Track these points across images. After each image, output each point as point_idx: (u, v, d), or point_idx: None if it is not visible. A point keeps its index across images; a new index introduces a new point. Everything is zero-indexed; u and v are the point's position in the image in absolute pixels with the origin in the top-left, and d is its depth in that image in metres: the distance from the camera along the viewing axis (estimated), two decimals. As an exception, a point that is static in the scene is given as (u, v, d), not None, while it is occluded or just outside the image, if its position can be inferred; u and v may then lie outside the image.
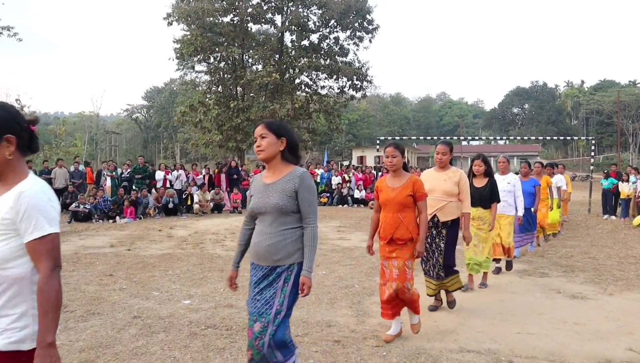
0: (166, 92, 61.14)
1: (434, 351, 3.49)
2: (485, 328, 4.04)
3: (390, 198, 3.61)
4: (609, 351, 3.54)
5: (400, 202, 3.58)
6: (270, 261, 2.46)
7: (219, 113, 26.55)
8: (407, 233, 3.57)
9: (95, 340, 3.67)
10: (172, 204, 13.52)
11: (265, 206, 2.46)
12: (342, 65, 28.47)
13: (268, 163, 2.53)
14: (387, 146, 3.71)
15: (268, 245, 2.45)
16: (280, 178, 2.50)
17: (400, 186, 3.62)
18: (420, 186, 3.63)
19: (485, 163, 5.26)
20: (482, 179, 5.26)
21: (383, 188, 3.74)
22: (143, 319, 4.19)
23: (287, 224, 2.46)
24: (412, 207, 3.64)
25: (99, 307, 4.55)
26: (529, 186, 6.91)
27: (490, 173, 5.30)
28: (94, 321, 4.15)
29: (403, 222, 3.57)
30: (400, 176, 3.69)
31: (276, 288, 2.44)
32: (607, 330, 4.02)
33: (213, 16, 26.34)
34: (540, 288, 5.44)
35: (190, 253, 7.60)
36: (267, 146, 2.47)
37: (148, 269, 6.30)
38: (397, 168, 3.69)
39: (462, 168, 5.21)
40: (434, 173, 4.48)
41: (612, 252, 7.75)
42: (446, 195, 4.28)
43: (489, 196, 5.17)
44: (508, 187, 5.95)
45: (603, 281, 5.73)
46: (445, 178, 4.35)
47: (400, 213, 3.59)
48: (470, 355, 3.43)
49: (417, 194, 3.61)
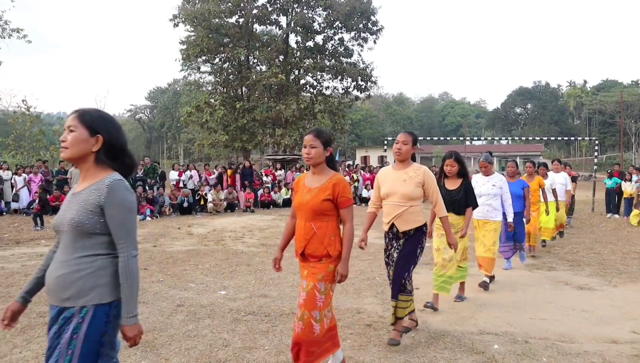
0: (169, 93, 61.54)
1: (456, 333, 3.87)
2: (501, 315, 4.42)
3: (304, 202, 2.83)
4: (615, 333, 3.91)
5: (314, 208, 2.79)
6: (57, 300, 1.83)
7: (224, 114, 26.96)
8: (321, 248, 2.79)
9: (149, 325, 4.05)
10: (187, 204, 13.93)
11: (62, 223, 1.86)
12: (346, 66, 28.84)
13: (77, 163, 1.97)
14: (307, 134, 2.92)
15: (56, 277, 1.82)
16: (87, 186, 1.91)
17: (317, 188, 2.83)
18: (343, 189, 2.81)
19: (458, 162, 4.62)
20: (455, 181, 4.65)
21: (299, 187, 2.95)
22: (186, 307, 4.58)
23: (86, 249, 1.83)
24: (331, 215, 2.82)
25: (143, 297, 4.93)
26: (517, 188, 6.34)
27: (465, 173, 4.68)
28: (142, 309, 4.53)
29: (317, 234, 2.79)
30: (321, 174, 2.89)
31: (61, 342, 1.78)
32: (612, 316, 4.40)
33: (219, 17, 26.74)
34: (549, 281, 5.82)
35: (214, 249, 7.99)
36: (72, 141, 1.90)
37: (178, 264, 6.69)
38: (317, 161, 2.89)
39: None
40: (392, 172, 3.71)
41: (615, 248, 8.12)
42: (406, 199, 3.54)
43: (463, 200, 4.55)
44: (494, 190, 5.38)
45: (608, 274, 6.10)
46: (405, 177, 3.60)
47: (314, 222, 2.81)
48: (490, 337, 3.81)
49: (339, 199, 2.80)
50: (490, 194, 5.37)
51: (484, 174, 5.54)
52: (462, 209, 4.56)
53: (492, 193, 5.37)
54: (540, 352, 3.47)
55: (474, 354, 3.42)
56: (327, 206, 2.79)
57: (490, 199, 5.39)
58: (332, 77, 29.73)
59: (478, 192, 5.22)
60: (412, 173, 3.60)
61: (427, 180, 3.58)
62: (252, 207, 14.71)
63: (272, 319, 4.20)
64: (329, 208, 2.81)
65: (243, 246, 8.37)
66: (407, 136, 3.65)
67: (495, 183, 5.41)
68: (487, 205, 5.35)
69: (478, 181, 5.47)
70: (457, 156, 4.65)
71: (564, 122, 60.80)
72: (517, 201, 6.26)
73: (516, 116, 66.65)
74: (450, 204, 4.45)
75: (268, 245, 8.48)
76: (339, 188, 2.80)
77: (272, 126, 29.19)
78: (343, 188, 2.82)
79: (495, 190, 5.38)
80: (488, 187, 5.41)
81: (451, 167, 4.62)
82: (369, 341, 3.66)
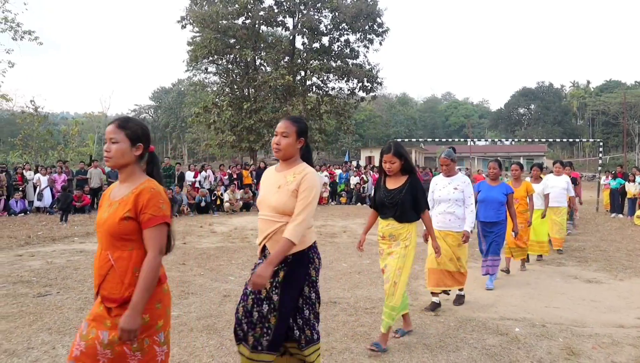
0: (174, 93, 62.02)
1: (480, 319, 4.35)
2: (518, 304, 4.90)
3: (101, 221, 2.04)
4: (622, 320, 4.39)
5: (109, 230, 1.99)
6: None
7: (232, 114, 27.32)
8: (120, 288, 1.97)
9: (204, 312, 4.54)
10: (204, 203, 14.44)
11: None
12: (352, 67, 29.23)
13: None
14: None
15: None
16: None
17: (118, 201, 2.04)
18: (150, 200, 1.98)
19: (399, 157, 3.61)
20: (398, 179, 3.67)
21: (104, 199, 2.15)
22: (233, 297, 5.05)
23: None
24: (134, 240, 2.00)
25: (190, 289, 5.42)
26: (498, 194, 5.44)
27: (410, 169, 3.69)
28: (192, 299, 5.03)
29: (115, 267, 1.98)
30: (129, 181, 2.10)
31: None
32: (619, 305, 4.87)
33: (227, 19, 27.16)
34: (560, 275, 6.29)
35: (241, 246, 8.48)
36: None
37: (212, 259, 7.18)
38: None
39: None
40: (273, 174, 2.64)
41: (620, 246, 8.58)
42: (277, 213, 2.48)
43: (409, 203, 3.57)
44: (455, 194, 4.51)
45: (614, 269, 6.57)
46: (281, 183, 2.53)
47: (112, 251, 2.00)
48: (510, 322, 4.28)
49: (143, 215, 1.98)
50: (452, 200, 4.52)
51: (444, 175, 4.68)
52: (406, 215, 3.58)
53: (454, 198, 4.52)
54: (557, 334, 3.95)
55: (498, 335, 3.90)
56: (127, 228, 1.98)
57: (452, 206, 4.53)
58: (338, 79, 30.16)
59: (437, 197, 4.60)
60: (291, 178, 2.51)
61: (302, 187, 2.46)
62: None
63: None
64: (131, 230, 1.98)
65: (267, 243, 8.86)
66: (288, 124, 2.54)
67: (457, 185, 4.55)
68: (448, 214, 4.52)
69: (438, 183, 4.69)
70: (397, 149, 3.62)
71: (567, 122, 61.18)
72: (499, 208, 5.44)
73: (519, 116, 67.03)
74: (391, 207, 3.60)
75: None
76: (142, 199, 1.98)
77: (279, 126, 29.60)
78: (150, 197, 1.98)
79: (457, 194, 4.52)
80: (449, 191, 4.55)
81: (390, 164, 3.63)
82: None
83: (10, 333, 3.90)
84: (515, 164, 6.66)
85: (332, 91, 30.46)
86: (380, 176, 3.83)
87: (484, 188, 5.64)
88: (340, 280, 5.88)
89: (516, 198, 6.01)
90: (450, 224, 4.54)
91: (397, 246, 3.60)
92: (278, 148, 2.56)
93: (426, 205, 3.69)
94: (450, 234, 4.55)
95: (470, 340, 3.77)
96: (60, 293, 5.19)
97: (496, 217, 5.45)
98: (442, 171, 4.70)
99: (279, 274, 2.47)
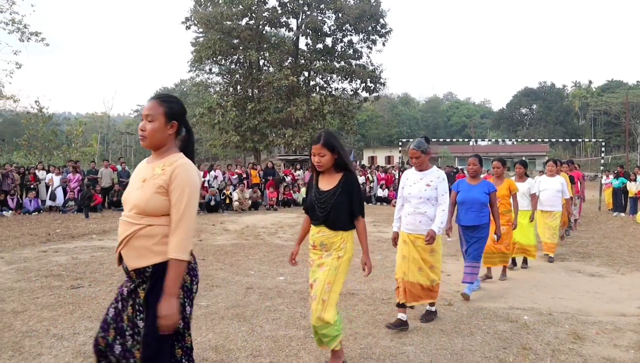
0: (176, 93, 62.28)
1: (491, 308, 4.65)
2: (526, 295, 5.19)
3: None
4: (623, 309, 4.67)
5: None
6: None
7: (236, 115, 27.54)
8: None
9: (231, 302, 4.84)
10: (214, 202, 14.75)
11: None
12: (356, 67, 29.44)
13: None
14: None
15: None
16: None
17: None
18: None
19: (332, 150, 3.03)
20: (332, 178, 3.10)
21: None
22: (256, 289, 5.35)
23: None
24: None
25: (213, 282, 5.72)
26: (479, 193, 4.89)
27: (344, 165, 3.09)
28: (217, 291, 5.33)
29: None
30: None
31: None
32: (621, 297, 5.16)
33: (231, 20, 27.38)
34: (564, 269, 6.58)
35: (255, 243, 8.78)
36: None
37: (230, 255, 7.48)
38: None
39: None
40: (143, 166, 2.21)
41: (622, 243, 8.86)
42: (137, 212, 2.05)
43: (345, 207, 3.02)
44: (427, 191, 3.94)
45: (616, 264, 6.86)
46: (147, 175, 2.11)
47: None
48: (519, 311, 4.57)
49: None
50: (423, 198, 3.93)
51: (416, 169, 4.09)
52: (340, 221, 3.03)
53: (425, 196, 3.93)
54: (563, 321, 4.24)
55: (508, 322, 4.19)
56: None
57: (424, 206, 3.93)
58: (341, 79, 30.38)
59: (407, 193, 4.03)
60: (159, 170, 2.09)
61: (172, 185, 2.03)
62: (275, 205, 15.52)
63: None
64: None
65: (280, 240, 9.16)
66: (153, 105, 2.12)
67: (431, 181, 3.97)
68: (419, 214, 3.93)
69: (408, 178, 4.11)
70: (328, 140, 3.03)
71: (569, 122, 61.34)
72: (481, 210, 4.89)
73: (521, 116, 67.24)
74: (321, 211, 3.03)
75: (302, 239, 9.28)
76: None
77: (282, 126, 29.96)
78: None
79: (429, 192, 3.94)
80: (420, 187, 3.97)
81: (320, 157, 3.04)
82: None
83: (55, 320, 4.21)
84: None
85: (335, 91, 30.77)
86: (312, 174, 3.25)
87: (463, 187, 5.03)
88: (355, 273, 6.17)
89: (497, 196, 5.32)
90: (420, 227, 3.93)
91: (328, 257, 3.04)
92: (143, 135, 2.12)
93: (361, 210, 3.07)
94: (420, 238, 3.90)
95: (482, 326, 4.07)
96: (91, 285, 5.49)
97: (478, 220, 4.86)
98: (413, 164, 4.07)
99: (138, 294, 2.04)
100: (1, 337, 3.79)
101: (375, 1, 29.16)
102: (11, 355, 3.45)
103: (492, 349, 3.57)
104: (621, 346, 3.66)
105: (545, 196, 7.06)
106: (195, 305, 2.18)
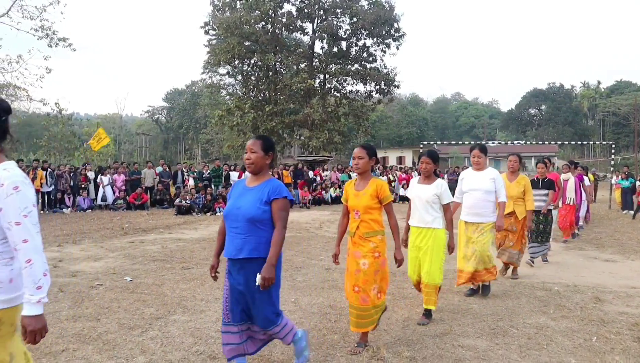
0: (187, 94, 62.69)
1: (528, 282, 5.88)
2: (553, 274, 6.42)
3: None
4: (634, 284, 5.89)
5: None
6: None
7: (254, 117, 28.45)
8: None
9: (320, 278, 6.06)
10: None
11: None
12: (370, 70, 30.29)
13: None
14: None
15: None
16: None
17: None
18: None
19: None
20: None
21: None
22: (333, 269, 6.57)
23: None
24: None
25: (296, 264, 6.93)
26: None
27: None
28: (304, 270, 6.55)
29: None
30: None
31: None
32: (632, 276, 6.37)
33: (249, 25, 28.18)
34: (581, 256, 7.80)
35: (309, 235, 10.04)
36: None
37: (294, 245, 8.71)
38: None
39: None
40: None
41: (632, 236, 10.05)
42: None
43: None
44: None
45: (627, 253, 8.06)
46: None
47: None
48: (549, 284, 5.80)
49: None
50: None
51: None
52: None
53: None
54: (586, 290, 5.47)
55: (544, 290, 5.43)
56: None
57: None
58: (356, 82, 31.21)
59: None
60: None
61: None
62: (308, 204, 16.81)
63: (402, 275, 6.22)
64: None
65: (328, 233, 10.42)
66: None
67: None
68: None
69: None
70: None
71: (577, 123, 62.18)
72: None
73: (530, 117, 68.09)
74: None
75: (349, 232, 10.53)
76: None
77: (298, 128, 30.98)
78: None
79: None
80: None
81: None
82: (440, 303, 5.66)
83: (193, 290, 5.47)
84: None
85: (350, 93, 31.69)
86: None
87: None
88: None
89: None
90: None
91: None
92: None
93: None
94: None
95: (525, 293, 5.32)
96: (198, 267, 6.76)
97: None
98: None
99: None
100: (164, 301, 5.01)
101: (389, 6, 30.09)
102: (182, 311, 4.68)
103: (536, 306, 4.81)
104: (632, 306, 4.88)
105: None
106: (291, 279, 3.60)
